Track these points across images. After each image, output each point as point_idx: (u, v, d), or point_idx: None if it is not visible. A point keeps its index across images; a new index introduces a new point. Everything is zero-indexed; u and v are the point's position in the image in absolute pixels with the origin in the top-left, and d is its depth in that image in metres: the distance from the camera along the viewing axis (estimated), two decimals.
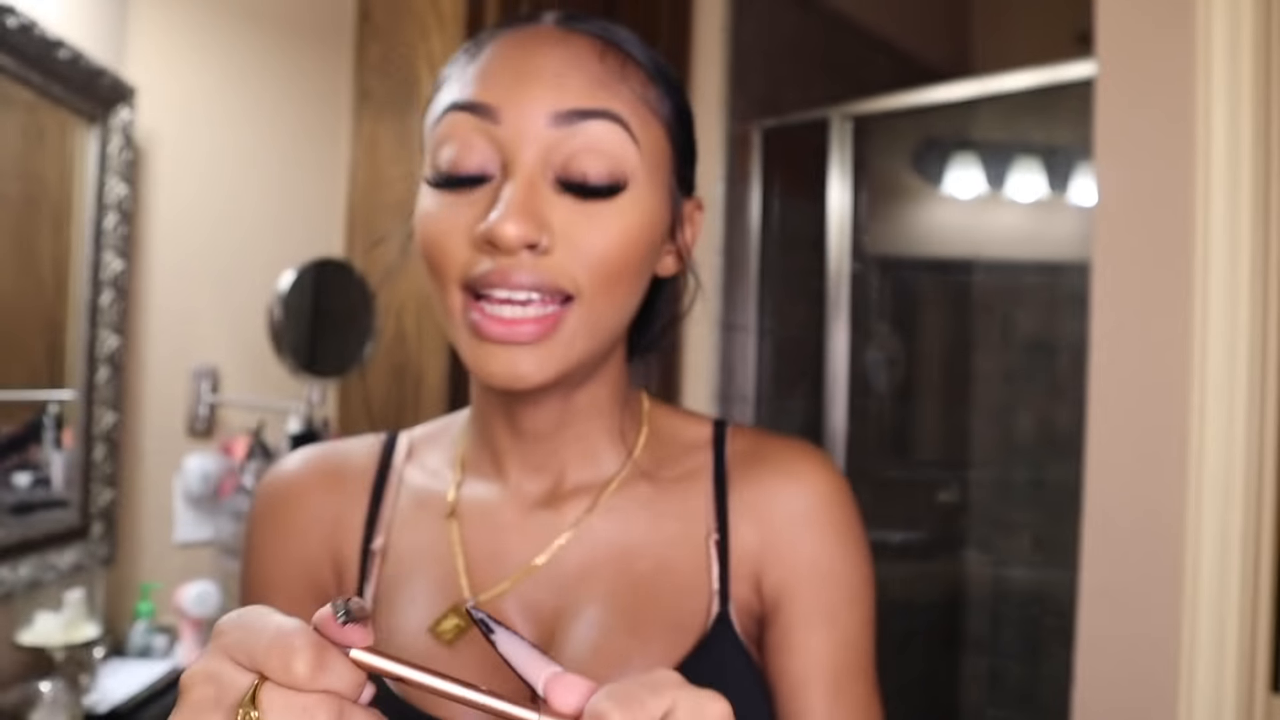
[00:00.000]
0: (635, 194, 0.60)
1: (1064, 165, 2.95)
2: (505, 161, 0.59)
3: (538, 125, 0.58)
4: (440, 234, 0.59)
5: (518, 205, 0.56)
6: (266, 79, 2.00)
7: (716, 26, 2.47)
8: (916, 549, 3.00)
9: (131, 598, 1.76)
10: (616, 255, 0.59)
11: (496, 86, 0.59)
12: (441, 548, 0.67)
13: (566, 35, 0.62)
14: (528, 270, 0.57)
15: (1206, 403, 1.50)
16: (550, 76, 0.59)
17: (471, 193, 0.59)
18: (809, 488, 0.67)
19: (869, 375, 2.77)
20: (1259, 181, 1.47)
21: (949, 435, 3.16)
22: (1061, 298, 2.99)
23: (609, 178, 0.59)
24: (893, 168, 3.00)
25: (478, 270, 0.58)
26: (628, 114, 0.60)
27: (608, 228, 0.59)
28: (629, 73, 0.62)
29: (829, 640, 0.65)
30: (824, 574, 0.66)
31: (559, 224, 0.58)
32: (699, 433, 0.71)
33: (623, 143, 0.59)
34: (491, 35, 0.63)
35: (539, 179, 0.58)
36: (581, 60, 0.60)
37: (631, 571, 0.65)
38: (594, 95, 0.59)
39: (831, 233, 2.44)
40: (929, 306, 3.23)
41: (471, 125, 0.59)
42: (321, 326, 1.94)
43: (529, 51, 0.60)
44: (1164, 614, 1.53)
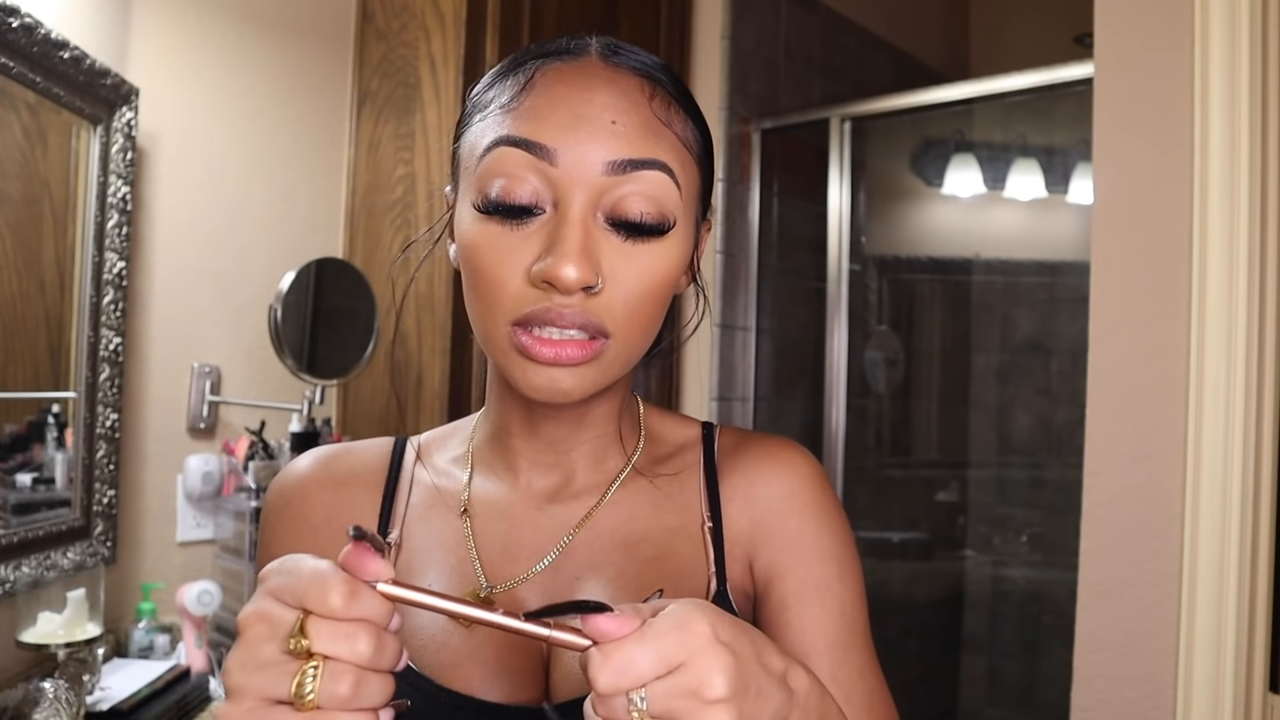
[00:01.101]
0: (675, 233, 0.64)
1: (1062, 166, 2.96)
2: (558, 199, 0.61)
3: (594, 171, 0.61)
4: (492, 265, 0.62)
5: (577, 248, 0.60)
6: (268, 80, 2.01)
7: (716, 27, 2.47)
8: (915, 548, 3.01)
9: (133, 597, 1.77)
10: (653, 294, 0.64)
11: (554, 128, 0.61)
12: (455, 541, 0.71)
13: (615, 73, 0.64)
14: (577, 310, 0.61)
15: (1204, 402, 1.50)
16: (606, 123, 0.61)
17: (522, 225, 0.61)
18: (790, 471, 0.72)
19: (868, 375, 2.78)
20: (1256, 181, 1.48)
21: (948, 435, 3.17)
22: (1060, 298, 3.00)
23: (657, 219, 0.62)
24: (892, 168, 3.00)
25: (531, 308, 0.61)
26: (674, 161, 0.63)
27: (649, 268, 0.63)
28: (673, 116, 0.65)
29: (825, 613, 0.68)
30: (811, 550, 0.70)
31: (606, 263, 0.62)
32: (689, 433, 0.77)
33: (669, 189, 0.63)
34: (539, 63, 0.65)
35: (590, 218, 0.61)
36: (633, 105, 0.63)
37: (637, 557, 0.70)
38: (646, 145, 0.62)
39: (831, 233, 2.45)
40: (928, 306, 3.23)
41: (525, 161, 0.61)
42: (321, 326, 1.94)
43: (583, 91, 0.62)
44: (1162, 613, 1.54)
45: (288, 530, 0.73)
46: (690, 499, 0.72)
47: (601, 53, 0.65)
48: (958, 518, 3.09)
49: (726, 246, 2.46)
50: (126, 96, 1.69)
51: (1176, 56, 1.54)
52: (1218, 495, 1.49)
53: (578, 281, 0.59)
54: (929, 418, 3.22)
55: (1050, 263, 3.03)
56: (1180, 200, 1.53)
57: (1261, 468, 1.48)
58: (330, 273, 1.97)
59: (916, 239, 3.14)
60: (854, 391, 2.53)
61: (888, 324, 2.97)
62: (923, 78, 3.08)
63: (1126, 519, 1.57)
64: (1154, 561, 1.55)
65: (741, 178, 2.51)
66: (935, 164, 3.03)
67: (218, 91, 1.92)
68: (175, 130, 1.85)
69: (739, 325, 2.51)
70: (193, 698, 1.60)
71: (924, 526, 3.07)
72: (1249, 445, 1.48)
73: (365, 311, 1.98)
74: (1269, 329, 1.48)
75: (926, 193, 3.10)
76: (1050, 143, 2.95)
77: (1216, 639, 1.49)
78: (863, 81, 2.86)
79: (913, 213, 3.15)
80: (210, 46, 1.90)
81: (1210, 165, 1.50)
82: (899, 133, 2.97)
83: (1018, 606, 2.99)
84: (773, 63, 2.59)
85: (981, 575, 3.03)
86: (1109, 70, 1.61)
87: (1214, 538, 1.49)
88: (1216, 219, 1.50)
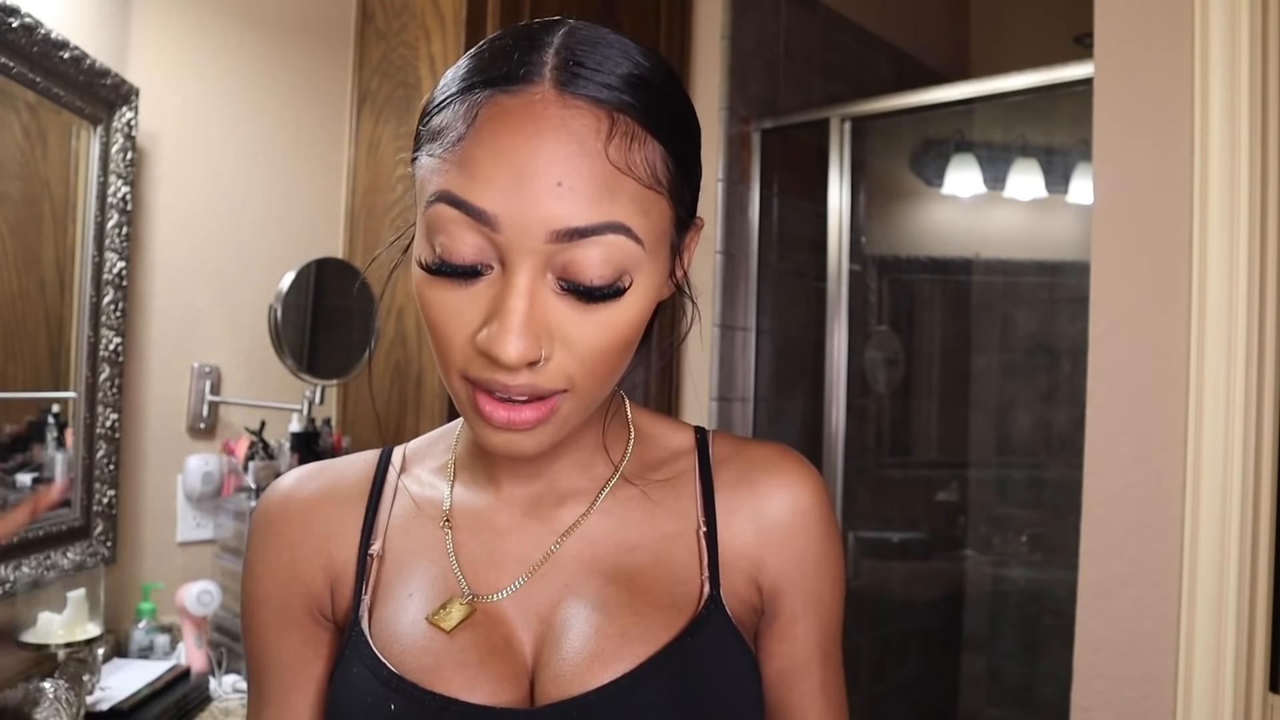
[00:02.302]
0: (638, 286, 0.60)
1: (1062, 166, 2.96)
2: (503, 260, 0.57)
3: (537, 239, 0.56)
4: (440, 322, 0.60)
5: (518, 324, 0.56)
6: (268, 80, 2.01)
7: (716, 27, 2.47)
8: (915, 548, 3.01)
9: (133, 597, 1.77)
10: (612, 348, 0.60)
11: (494, 190, 0.56)
12: (437, 551, 0.71)
13: (567, 110, 0.57)
14: (525, 384, 0.58)
15: (1204, 402, 1.50)
16: (551, 185, 0.55)
17: (467, 285, 0.58)
18: (799, 486, 0.72)
19: (868, 375, 2.78)
20: (1256, 181, 1.48)
21: (948, 435, 3.17)
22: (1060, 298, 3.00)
23: (612, 281, 0.58)
24: (892, 168, 3.00)
25: (477, 374, 0.59)
26: (633, 214, 0.58)
27: (607, 324, 0.59)
28: (634, 154, 0.58)
29: (820, 626, 0.72)
30: (814, 565, 0.72)
31: (557, 325, 0.58)
32: (682, 439, 0.76)
33: (625, 248, 0.58)
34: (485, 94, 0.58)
35: (539, 282, 0.57)
36: (584, 154, 0.56)
37: (628, 563, 0.69)
38: (597, 207, 0.56)
39: (831, 233, 2.45)
40: (928, 306, 3.23)
41: (466, 223, 0.57)
42: (321, 326, 1.94)
43: (527, 139, 0.56)
44: (1162, 613, 1.54)
45: (268, 549, 0.73)
46: (685, 505, 0.71)
47: (557, 79, 0.57)
48: (958, 518, 3.09)
49: (726, 246, 2.46)
50: (126, 96, 1.70)
51: (1176, 56, 1.54)
52: (1218, 495, 1.49)
53: (519, 359, 0.56)
54: (929, 418, 3.22)
55: (1050, 263, 3.03)
56: (1180, 200, 1.53)
57: (1261, 468, 1.48)
58: (330, 273, 1.97)
59: (916, 239, 3.14)
60: (854, 391, 2.53)
61: (888, 324, 2.97)
62: (923, 78, 3.08)
63: (1126, 519, 1.57)
64: (1154, 561, 1.55)
65: (741, 178, 2.51)
66: (935, 164, 3.03)
67: (217, 92, 1.92)
68: (175, 130, 1.85)
69: (739, 325, 2.51)
70: (193, 698, 1.60)
71: (924, 526, 3.07)
72: (1249, 445, 1.48)
73: (365, 311, 1.98)
74: (1269, 329, 1.48)
75: (926, 193, 3.10)
76: (1050, 143, 2.95)
77: (1216, 639, 1.49)
78: (863, 81, 2.86)
79: (913, 213, 3.15)
80: (210, 47, 1.90)
81: (1210, 165, 1.50)
82: (899, 133, 2.97)
83: (1018, 606, 2.99)
84: (773, 63, 2.59)
85: (981, 575, 3.03)
86: (1109, 70, 1.61)
87: (1214, 538, 1.49)
88: (1216, 219, 1.50)
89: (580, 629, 0.65)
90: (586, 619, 0.66)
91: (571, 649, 0.64)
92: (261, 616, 0.73)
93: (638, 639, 0.64)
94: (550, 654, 0.65)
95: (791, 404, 2.65)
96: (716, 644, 0.66)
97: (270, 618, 0.72)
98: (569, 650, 0.64)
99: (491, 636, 0.66)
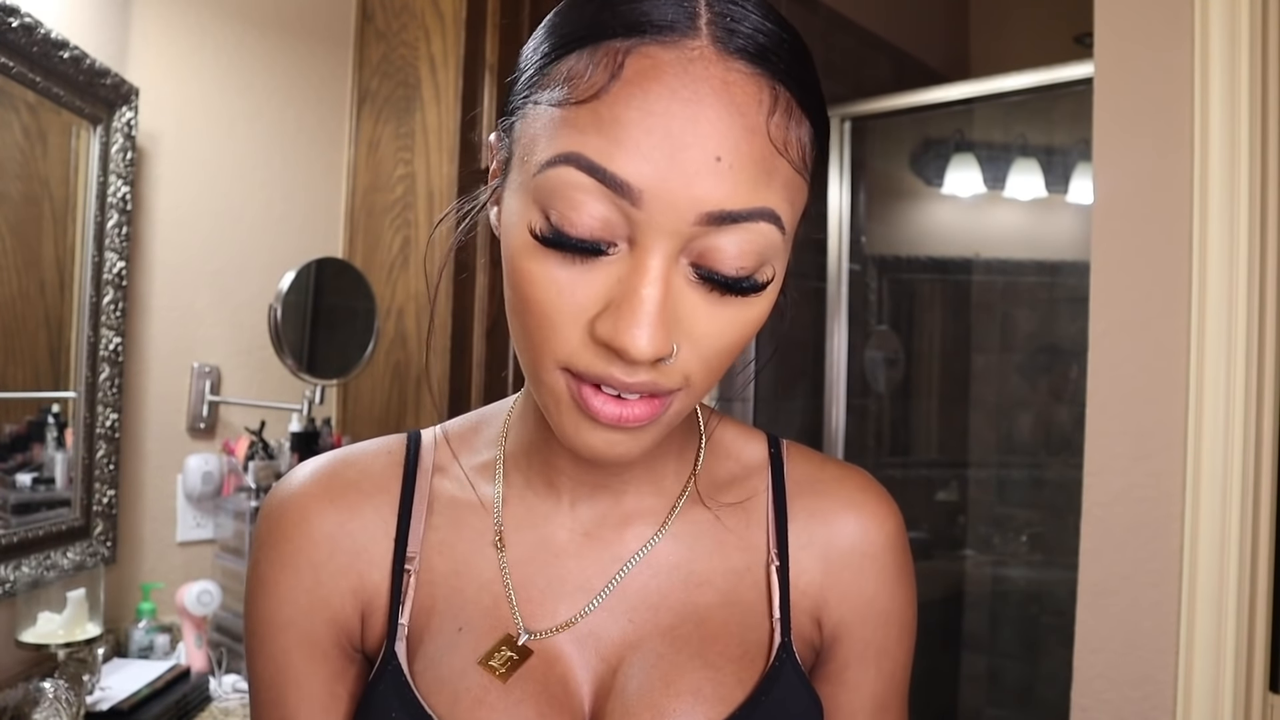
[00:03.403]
0: (776, 281, 0.53)
1: (1062, 166, 2.96)
2: (634, 239, 0.49)
3: (685, 220, 0.48)
4: (546, 306, 0.51)
5: (653, 314, 0.49)
6: (268, 80, 2.01)
7: None
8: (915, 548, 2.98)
9: (133, 597, 1.77)
10: (736, 348, 0.54)
11: (642, 161, 0.47)
12: (488, 574, 0.62)
13: (729, 74, 0.49)
14: (644, 379, 0.51)
15: (1204, 402, 1.50)
16: (710, 160, 0.48)
17: (587, 262, 0.50)
18: (874, 526, 0.66)
19: (868, 375, 2.78)
20: (1256, 181, 1.48)
21: (948, 435, 3.17)
22: (1060, 298, 3.00)
23: (754, 274, 0.51)
24: (892, 168, 3.00)
25: (591, 368, 0.51)
26: (784, 201, 0.51)
27: (737, 320, 0.52)
28: (791, 133, 0.51)
29: (879, 676, 0.67)
30: (882, 612, 0.66)
31: (685, 317, 0.51)
32: (756, 451, 0.68)
33: (774, 238, 0.51)
34: (633, 43, 0.49)
35: (672, 267, 0.50)
36: (747, 131, 0.49)
37: (697, 601, 0.62)
38: (755, 190, 0.49)
39: (831, 233, 2.45)
40: (928, 306, 3.23)
41: (599, 192, 0.48)
42: (321, 326, 1.94)
43: (686, 105, 0.48)
44: (1162, 613, 1.54)
45: (286, 565, 0.63)
46: (756, 534, 0.64)
47: (714, 35, 0.49)
48: (958, 518, 3.09)
49: None
50: (126, 96, 1.69)
51: (1176, 56, 1.54)
52: (1218, 495, 1.49)
53: (650, 356, 0.49)
54: (929, 418, 3.22)
55: (1050, 263, 3.03)
56: (1180, 200, 1.53)
57: (1261, 468, 1.48)
58: (330, 273, 1.97)
59: (916, 239, 3.14)
60: (854, 391, 2.53)
61: (888, 324, 2.97)
62: (923, 78, 3.08)
63: (1126, 519, 1.57)
64: (1154, 561, 1.55)
65: None
66: (935, 164, 3.03)
67: (217, 91, 1.92)
68: (175, 130, 1.85)
69: None
70: (192, 698, 1.60)
71: (924, 526, 3.07)
72: (1249, 445, 1.48)
73: (365, 311, 1.98)
74: (1269, 329, 1.48)
75: (926, 193, 3.10)
76: (1050, 143, 2.95)
77: (1216, 639, 1.49)
78: (863, 81, 2.86)
79: (913, 213, 3.15)
80: (210, 47, 1.90)
81: (1210, 165, 1.50)
82: (899, 132, 2.97)
83: (1018, 606, 2.99)
84: None
85: (981, 575, 3.03)
86: (1109, 70, 1.61)
87: (1214, 538, 1.49)
88: (1216, 219, 1.50)
89: (647, 681, 0.59)
90: (653, 669, 0.59)
91: (640, 705, 0.58)
92: (279, 644, 0.63)
93: (711, 698, 0.58)
94: (615, 706, 0.58)
95: (791, 404, 2.65)
96: (789, 699, 0.61)
97: (291, 646, 0.63)
98: (637, 706, 0.58)
99: (550, 684, 0.59)
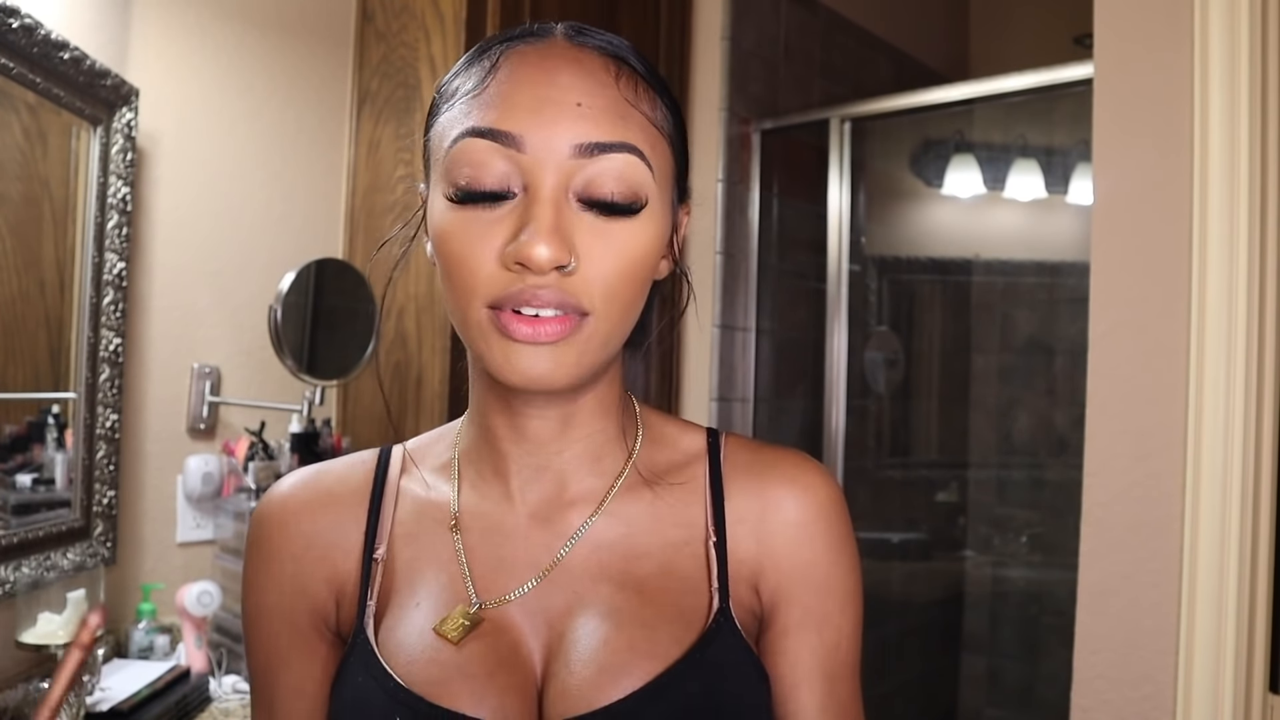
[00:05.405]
0: (650, 212, 0.63)
1: (1062, 166, 2.96)
2: (527, 183, 0.61)
3: (561, 154, 0.60)
4: (465, 253, 0.61)
5: (548, 228, 0.59)
6: (268, 80, 2.01)
7: (716, 28, 2.47)
8: (915, 549, 3.01)
9: (133, 598, 1.77)
10: (630, 273, 0.63)
11: (519, 112, 0.61)
12: (446, 556, 0.69)
13: (580, 53, 0.63)
14: (553, 290, 0.60)
15: (1204, 402, 1.50)
16: (571, 105, 0.61)
17: (492, 210, 0.61)
18: (807, 497, 0.70)
19: (868, 375, 2.78)
20: (1255, 182, 1.48)
21: (948, 435, 3.17)
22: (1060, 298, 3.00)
23: (630, 198, 0.62)
24: (892, 169, 3.00)
25: (506, 290, 0.60)
26: (643, 142, 0.63)
27: (625, 246, 0.62)
28: (641, 95, 0.64)
29: (821, 644, 0.69)
30: (819, 580, 0.69)
31: (580, 243, 0.61)
32: (694, 441, 0.74)
33: (639, 169, 0.62)
34: (502, 48, 0.64)
35: (561, 199, 0.61)
36: (599, 85, 0.62)
37: (637, 572, 0.68)
38: (614, 127, 0.61)
39: (831, 233, 2.45)
40: (928, 307, 3.23)
41: (493, 150, 0.61)
42: (321, 327, 1.94)
43: (547, 73, 0.62)
44: (1162, 613, 1.54)
45: (270, 561, 0.72)
46: (694, 512, 0.70)
47: (566, 34, 0.65)
48: (958, 518, 3.09)
49: (726, 247, 2.46)
50: (126, 97, 1.70)
51: (1176, 56, 1.54)
52: (1218, 495, 1.49)
53: (550, 260, 0.58)
54: (929, 418, 3.22)
55: (1050, 263, 3.03)
56: (1180, 200, 1.53)
57: (1261, 468, 1.48)
58: (330, 273, 1.97)
59: (916, 239, 3.15)
60: (854, 392, 2.53)
61: (888, 324, 2.97)
62: (923, 78, 3.08)
63: (1126, 519, 1.57)
64: (1154, 561, 1.55)
65: (741, 178, 2.50)
66: (935, 164, 3.03)
67: (217, 92, 1.92)
68: (175, 131, 1.85)
69: (739, 326, 2.51)
70: (192, 698, 1.60)
71: (924, 527, 3.07)
72: (1249, 445, 1.48)
73: (365, 312, 1.98)
74: (1269, 329, 1.48)
75: (926, 193, 3.10)
76: (1050, 143, 2.95)
77: (1216, 639, 1.49)
78: (863, 82, 2.87)
79: (913, 213, 3.15)
80: (210, 47, 1.90)
81: (1210, 165, 1.50)
82: (899, 133, 2.97)
83: (1018, 607, 2.99)
84: (773, 63, 2.59)
85: (981, 576, 3.03)
86: (1109, 70, 1.61)
87: (1214, 538, 1.49)
88: (1216, 219, 1.50)
89: (588, 641, 0.64)
90: (595, 630, 0.65)
91: (580, 663, 0.63)
92: (268, 629, 0.72)
93: (647, 654, 0.63)
94: (558, 667, 0.64)
95: (791, 404, 2.65)
96: (726, 659, 0.65)
97: (278, 630, 0.71)
98: (577, 664, 0.63)
99: (499, 646, 0.65)
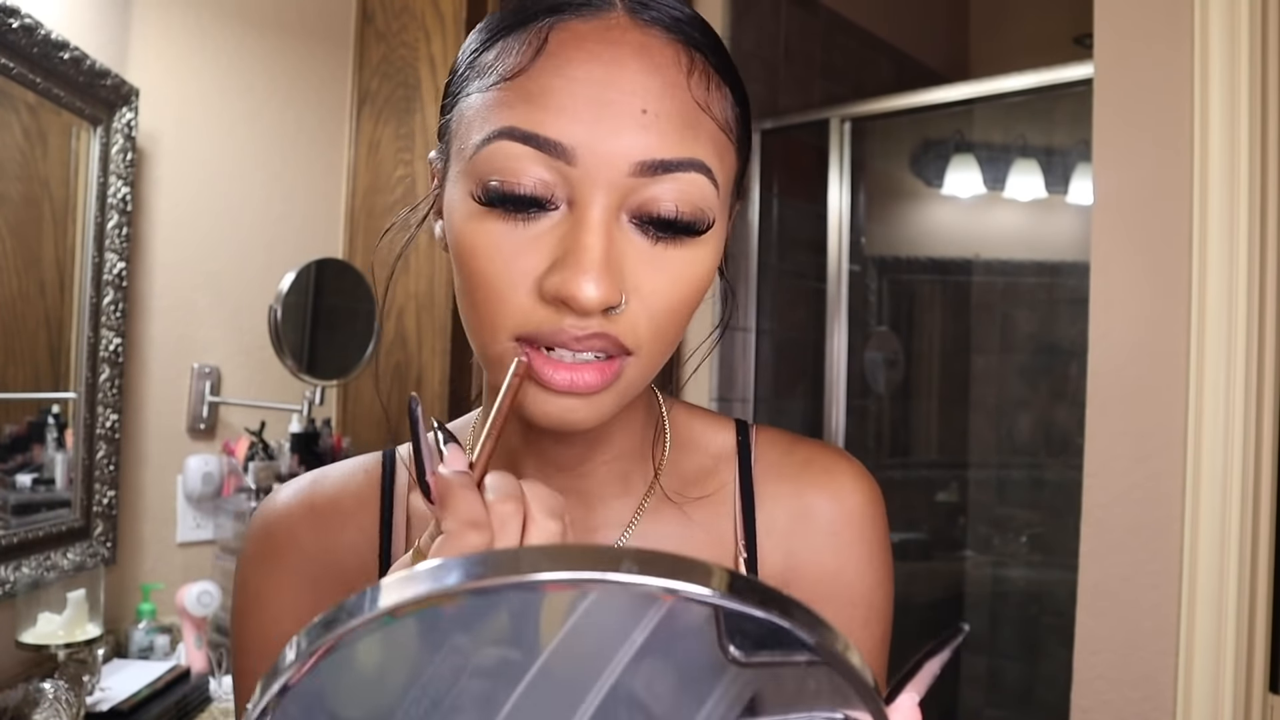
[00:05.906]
0: (712, 233, 0.54)
1: (1062, 166, 2.96)
2: (574, 198, 0.51)
3: (618, 172, 0.50)
4: (493, 273, 0.52)
5: (599, 262, 0.50)
6: (268, 81, 2.01)
7: (716, 28, 2.46)
8: (915, 549, 3.00)
9: (133, 597, 1.77)
10: (684, 308, 0.54)
11: (571, 120, 0.50)
12: None
13: (646, 38, 0.52)
14: (597, 329, 0.51)
15: (1204, 402, 1.50)
16: (635, 112, 0.50)
17: (528, 223, 0.51)
18: (839, 504, 0.65)
19: (868, 376, 2.78)
20: (1255, 182, 1.48)
21: (948, 435, 3.17)
22: (1060, 298, 3.00)
23: (692, 219, 0.52)
24: (892, 169, 3.00)
25: (543, 326, 0.51)
26: (712, 155, 0.53)
27: (680, 277, 0.53)
28: (713, 94, 0.54)
29: None
30: (844, 591, 0.65)
31: (630, 271, 0.52)
32: (723, 440, 0.68)
33: (706, 190, 0.53)
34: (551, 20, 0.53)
35: (612, 220, 0.51)
36: (668, 86, 0.52)
37: None
38: (682, 141, 0.51)
39: (831, 233, 2.45)
40: (928, 307, 3.23)
41: (534, 157, 0.50)
42: (321, 327, 1.94)
43: (607, 66, 0.51)
44: (1162, 614, 1.54)
45: (284, 582, 0.65)
46: (724, 526, 0.64)
47: (630, 8, 0.53)
48: (958, 518, 3.09)
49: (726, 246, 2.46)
50: (126, 97, 1.70)
51: (1176, 56, 1.54)
52: (1218, 495, 1.49)
53: (600, 303, 0.49)
54: (929, 418, 3.22)
55: (1050, 263, 3.03)
56: (1180, 200, 1.53)
57: (1261, 468, 1.48)
58: (330, 273, 1.97)
59: (916, 239, 3.14)
60: (854, 392, 2.53)
61: (888, 324, 2.97)
62: (923, 78, 3.08)
63: (1126, 520, 1.57)
64: (1154, 562, 1.55)
65: None
66: (935, 164, 3.03)
67: (217, 92, 1.92)
68: (175, 131, 1.85)
69: (739, 326, 2.51)
70: (192, 698, 1.60)
71: (924, 527, 3.07)
72: (1249, 445, 1.48)
73: (365, 312, 1.98)
74: (1269, 329, 1.48)
75: (926, 193, 3.10)
76: (1050, 143, 2.95)
77: (1216, 639, 1.49)
78: (863, 82, 2.87)
79: (913, 213, 3.15)
80: (210, 47, 1.90)
81: (1210, 165, 1.50)
82: (899, 133, 2.97)
83: (1018, 607, 2.99)
84: (773, 63, 2.59)
85: (981, 576, 3.03)
86: (1109, 70, 1.61)
87: (1214, 538, 1.49)
88: (1216, 219, 1.50)
89: None
90: None
91: None
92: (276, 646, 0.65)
93: None
94: None
95: (791, 404, 2.65)
96: None
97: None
98: None
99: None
